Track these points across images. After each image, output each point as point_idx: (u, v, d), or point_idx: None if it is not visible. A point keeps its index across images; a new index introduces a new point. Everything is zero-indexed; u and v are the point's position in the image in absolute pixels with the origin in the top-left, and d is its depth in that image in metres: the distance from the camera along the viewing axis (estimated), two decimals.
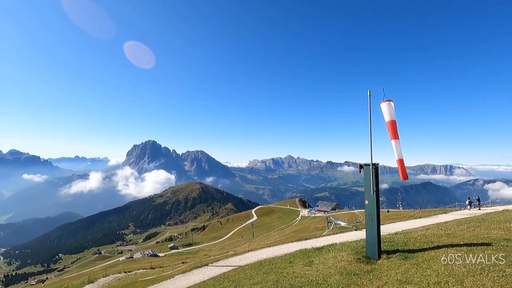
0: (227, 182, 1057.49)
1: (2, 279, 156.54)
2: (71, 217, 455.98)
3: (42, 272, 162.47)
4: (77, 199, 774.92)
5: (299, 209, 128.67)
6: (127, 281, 19.50)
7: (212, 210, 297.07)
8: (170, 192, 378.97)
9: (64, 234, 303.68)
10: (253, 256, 22.34)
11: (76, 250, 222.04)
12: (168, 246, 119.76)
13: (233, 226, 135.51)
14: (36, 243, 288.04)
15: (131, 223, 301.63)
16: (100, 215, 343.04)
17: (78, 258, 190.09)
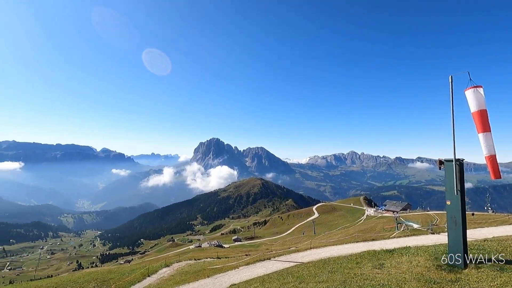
0: (287, 178, 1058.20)
1: (99, 257, 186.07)
2: (149, 207, 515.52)
3: (128, 253, 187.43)
4: (154, 191, 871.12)
5: (364, 208, 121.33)
6: (197, 267, 21.12)
7: (272, 205, 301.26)
8: (233, 187, 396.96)
9: (144, 222, 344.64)
10: (316, 254, 21.89)
11: (154, 237, 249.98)
12: (232, 238, 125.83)
13: (293, 222, 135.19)
14: (123, 229, 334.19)
15: (199, 214, 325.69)
16: (173, 206, 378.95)
17: (156, 244, 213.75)
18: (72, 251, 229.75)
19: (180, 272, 19.93)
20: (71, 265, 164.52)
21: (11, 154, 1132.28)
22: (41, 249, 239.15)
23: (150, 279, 18.74)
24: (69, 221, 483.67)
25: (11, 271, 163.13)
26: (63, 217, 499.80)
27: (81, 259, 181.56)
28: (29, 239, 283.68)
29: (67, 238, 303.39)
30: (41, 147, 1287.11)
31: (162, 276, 19.41)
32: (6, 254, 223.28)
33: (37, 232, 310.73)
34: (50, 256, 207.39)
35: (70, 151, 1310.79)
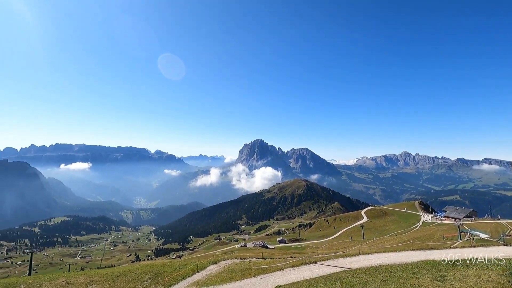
0: (333, 180, 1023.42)
1: (154, 250, 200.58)
2: (197, 206, 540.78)
3: (179, 249, 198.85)
4: (202, 191, 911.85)
5: (420, 214, 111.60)
6: (243, 266, 21.50)
7: (318, 208, 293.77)
8: (277, 188, 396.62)
9: (193, 220, 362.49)
10: (366, 260, 20.72)
11: (202, 234, 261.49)
12: (276, 239, 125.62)
13: (340, 226, 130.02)
14: (174, 225, 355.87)
15: (244, 215, 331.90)
16: (219, 206, 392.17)
17: (204, 241, 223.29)
18: (131, 244, 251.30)
19: (226, 270, 20.49)
20: (130, 257, 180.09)
21: (82, 156, 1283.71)
22: (105, 241, 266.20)
23: (199, 275, 19.59)
24: (128, 216, 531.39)
25: (82, 259, 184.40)
26: (123, 213, 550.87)
27: (138, 252, 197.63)
28: (96, 232, 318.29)
29: (126, 232, 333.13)
30: (105, 149, 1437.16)
31: (210, 272, 20.16)
32: (78, 244, 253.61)
33: (102, 225, 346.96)
34: (113, 248, 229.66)
35: (129, 153, 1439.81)
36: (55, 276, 19.76)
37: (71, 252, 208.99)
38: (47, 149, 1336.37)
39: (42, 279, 18.78)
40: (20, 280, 18.25)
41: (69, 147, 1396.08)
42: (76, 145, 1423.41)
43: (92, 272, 20.94)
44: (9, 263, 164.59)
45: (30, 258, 61.88)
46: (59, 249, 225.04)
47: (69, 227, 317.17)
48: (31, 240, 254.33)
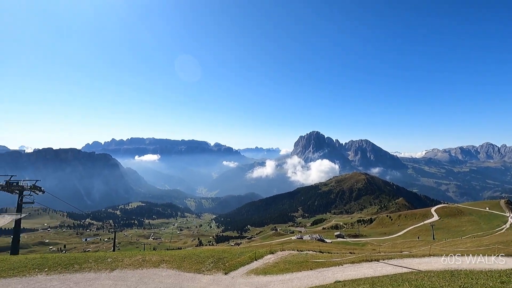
0: (397, 174, 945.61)
1: (215, 237, 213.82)
2: (254, 196, 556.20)
3: (237, 237, 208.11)
4: (258, 182, 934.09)
5: (507, 215, 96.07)
6: (300, 258, 21.45)
7: (379, 203, 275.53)
8: (334, 181, 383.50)
9: (250, 210, 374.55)
10: (437, 263, 18.74)
11: (258, 224, 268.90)
12: (334, 233, 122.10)
13: (405, 224, 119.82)
14: (233, 214, 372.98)
15: (300, 207, 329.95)
16: (275, 197, 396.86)
17: (260, 231, 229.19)
18: (194, 229, 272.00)
19: (284, 261, 20.71)
20: (194, 241, 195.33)
21: (152, 148, 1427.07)
22: (173, 226, 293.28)
23: (257, 263, 20.19)
24: (191, 204, 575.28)
25: (154, 240, 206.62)
26: (187, 201, 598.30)
27: (201, 237, 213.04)
28: (164, 216, 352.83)
29: (190, 218, 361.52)
30: (171, 142, 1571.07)
31: (267, 262, 20.61)
32: (150, 226, 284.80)
33: (170, 211, 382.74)
34: (179, 232, 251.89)
35: (191, 146, 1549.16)
36: (134, 253, 22.43)
37: (145, 233, 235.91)
38: (124, 143, 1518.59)
39: (124, 255, 21.45)
40: (107, 255, 21.16)
41: (142, 141, 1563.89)
42: (147, 139, 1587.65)
43: (163, 253, 23.20)
44: (98, 239, 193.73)
45: (114, 237, 71.62)
46: (135, 230, 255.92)
47: (143, 211, 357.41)
48: (114, 221, 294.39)
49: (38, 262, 19.11)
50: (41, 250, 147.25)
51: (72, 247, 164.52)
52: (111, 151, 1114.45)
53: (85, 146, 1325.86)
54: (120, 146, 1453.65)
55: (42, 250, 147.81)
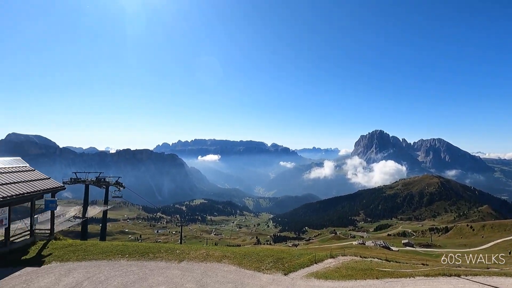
0: (479, 178, 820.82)
1: (272, 236, 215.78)
2: (311, 198, 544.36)
3: (295, 238, 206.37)
4: (315, 183, 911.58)
5: None
6: (363, 265, 20.13)
7: (457, 210, 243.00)
8: (401, 184, 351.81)
9: (308, 211, 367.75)
10: None
11: (316, 226, 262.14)
12: (401, 241, 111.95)
13: (492, 236, 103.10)
14: (290, 215, 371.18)
15: (362, 211, 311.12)
16: (334, 199, 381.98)
17: (319, 233, 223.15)
18: (253, 228, 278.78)
19: (345, 266, 19.71)
20: (252, 239, 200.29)
21: (213, 149, 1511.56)
22: (232, 223, 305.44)
23: (316, 266, 19.63)
24: (250, 203, 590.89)
25: (215, 236, 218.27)
26: (246, 200, 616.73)
27: (259, 236, 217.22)
28: (225, 214, 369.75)
29: (249, 217, 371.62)
30: (230, 143, 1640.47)
31: (328, 266, 19.86)
32: (212, 223, 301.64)
33: (229, 209, 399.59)
34: (238, 229, 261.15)
35: (249, 146, 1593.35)
36: (198, 247, 23.95)
37: (207, 229, 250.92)
38: (189, 144, 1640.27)
39: (190, 248, 23.08)
40: (176, 247, 23.03)
41: (204, 142, 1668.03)
42: (209, 140, 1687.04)
43: (224, 248, 24.23)
44: (167, 232, 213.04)
45: (181, 230, 77.76)
46: (199, 225, 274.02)
47: (206, 208, 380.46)
48: (180, 216, 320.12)
49: (121, 249, 21.80)
50: (122, 238, 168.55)
51: (146, 237, 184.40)
52: (177, 151, 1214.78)
53: (156, 147, 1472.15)
54: (185, 147, 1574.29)
55: (123, 238, 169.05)
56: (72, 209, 33.50)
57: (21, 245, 22.52)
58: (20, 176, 24.07)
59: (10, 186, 21.89)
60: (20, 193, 21.92)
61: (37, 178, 25.05)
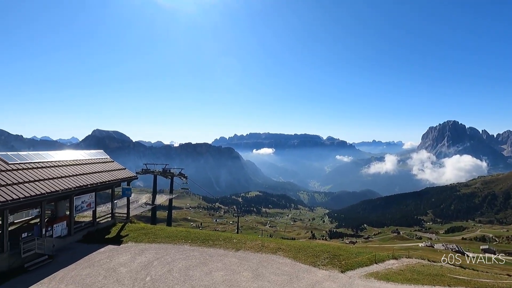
0: None
1: (328, 232, 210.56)
2: (371, 194, 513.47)
3: (352, 235, 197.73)
4: (375, 178, 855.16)
5: None
6: (433, 270, 18.30)
7: None
8: (479, 182, 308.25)
9: (367, 208, 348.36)
10: None
11: (376, 224, 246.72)
12: (479, 247, 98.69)
13: None
14: (347, 211, 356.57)
15: (430, 210, 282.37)
16: (397, 197, 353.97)
17: (379, 232, 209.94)
18: (307, 222, 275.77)
19: (410, 270, 18.18)
20: (307, 234, 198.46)
21: (267, 142, 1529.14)
22: (287, 216, 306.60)
23: (377, 267, 18.54)
24: (304, 197, 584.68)
25: (270, 228, 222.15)
26: (300, 193, 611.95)
27: (314, 231, 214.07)
28: (279, 207, 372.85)
29: (303, 211, 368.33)
30: (284, 136, 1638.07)
31: (390, 267, 18.58)
32: (267, 215, 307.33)
33: (284, 202, 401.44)
34: (293, 223, 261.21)
35: (303, 140, 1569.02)
36: (254, 238, 24.64)
37: (262, 220, 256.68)
38: (244, 137, 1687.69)
39: (246, 238, 23.92)
40: (233, 236, 24.18)
41: (259, 136, 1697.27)
42: (263, 134, 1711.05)
43: (279, 241, 24.48)
44: (225, 221, 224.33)
45: (237, 220, 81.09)
46: (254, 216, 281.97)
47: (261, 200, 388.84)
48: (237, 207, 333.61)
49: (184, 235, 23.77)
50: (185, 225, 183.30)
51: (206, 225, 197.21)
52: (233, 145, 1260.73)
53: (214, 141, 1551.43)
54: (241, 140, 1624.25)
55: (185, 225, 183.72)
56: (143, 197, 37.68)
57: (104, 225, 26.27)
58: (103, 166, 27.93)
59: (96, 175, 25.57)
60: (103, 181, 25.51)
61: (116, 168, 28.80)
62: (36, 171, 20.93)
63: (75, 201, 22.84)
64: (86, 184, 23.15)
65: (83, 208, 24.02)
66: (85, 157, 27.36)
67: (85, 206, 24.22)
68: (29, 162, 21.45)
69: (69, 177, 22.68)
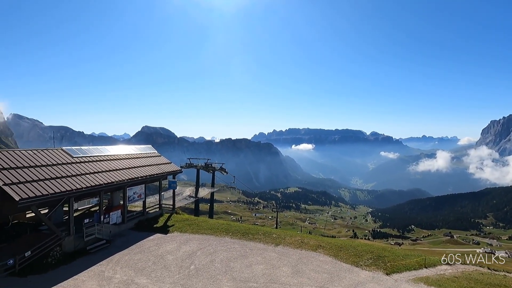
0: None
1: (371, 231, 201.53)
2: (420, 193, 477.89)
3: (398, 236, 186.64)
4: (425, 177, 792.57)
5: None
6: (494, 280, 16.50)
7: None
8: None
9: (415, 208, 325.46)
10: None
11: (426, 226, 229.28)
12: None
13: None
14: (392, 210, 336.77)
15: (490, 213, 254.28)
16: (450, 197, 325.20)
17: (429, 234, 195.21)
18: (349, 220, 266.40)
19: (466, 277, 16.61)
20: (348, 232, 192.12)
21: (307, 138, 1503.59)
22: (327, 214, 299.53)
23: (427, 271, 17.28)
24: (345, 195, 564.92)
25: (310, 224, 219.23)
26: (341, 191, 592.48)
27: (356, 230, 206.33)
28: (319, 204, 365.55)
29: (345, 209, 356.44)
30: (324, 132, 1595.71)
31: (442, 273, 17.17)
32: (306, 211, 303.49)
33: (324, 199, 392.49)
34: (333, 221, 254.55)
35: (345, 135, 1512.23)
36: (293, 233, 24.55)
37: (301, 217, 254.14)
38: (283, 133, 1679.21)
39: (285, 233, 23.93)
40: (272, 230, 24.36)
41: (298, 131, 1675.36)
42: (302, 129, 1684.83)
43: (319, 238, 24.07)
44: (264, 216, 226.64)
45: (276, 216, 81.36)
46: (293, 212, 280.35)
47: (300, 196, 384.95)
48: (276, 202, 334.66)
49: (225, 227, 24.57)
50: (225, 218, 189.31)
51: (246, 219, 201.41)
52: (272, 140, 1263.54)
53: (253, 137, 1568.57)
54: (280, 136, 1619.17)
55: (226, 218, 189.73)
56: (187, 190, 39.72)
57: (153, 215, 28.23)
58: (152, 160, 29.94)
59: (145, 168, 27.54)
60: (152, 174, 27.40)
61: (162, 163, 30.69)
62: (95, 164, 23.24)
63: (128, 192, 24.95)
64: (137, 176, 25.11)
65: (134, 198, 26.17)
66: (136, 152, 29.62)
67: (136, 196, 26.34)
68: (89, 155, 23.90)
69: (123, 169, 24.78)
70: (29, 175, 17.98)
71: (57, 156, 21.54)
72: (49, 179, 18.73)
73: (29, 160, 19.25)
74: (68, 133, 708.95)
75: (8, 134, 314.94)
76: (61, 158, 21.47)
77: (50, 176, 18.99)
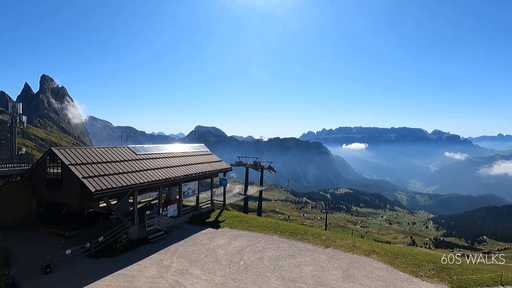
0: None
1: (433, 240, 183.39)
2: (494, 200, 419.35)
3: (466, 247, 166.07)
4: (500, 181, 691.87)
5: None
6: None
7: None
8: None
9: (488, 216, 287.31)
10: None
11: (502, 238, 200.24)
12: None
13: None
14: (459, 218, 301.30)
15: None
16: None
17: (505, 247, 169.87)
18: (406, 226, 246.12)
19: None
20: (405, 239, 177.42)
21: (359, 137, 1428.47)
22: (381, 217, 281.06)
23: None
24: (402, 198, 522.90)
25: (361, 228, 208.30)
26: (397, 193, 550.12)
27: (414, 236, 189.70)
28: (372, 206, 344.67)
29: (401, 213, 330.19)
30: (379, 130, 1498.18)
31: None
32: (358, 214, 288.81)
33: (377, 202, 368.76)
34: (388, 225, 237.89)
35: (402, 134, 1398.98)
36: (344, 236, 23.62)
37: (352, 219, 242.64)
38: (333, 132, 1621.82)
39: (336, 236, 23.13)
40: (322, 232, 23.75)
41: (349, 130, 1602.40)
42: (354, 128, 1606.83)
43: (373, 243, 22.74)
44: (312, 217, 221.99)
45: (325, 217, 79.04)
46: (344, 214, 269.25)
47: (351, 198, 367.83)
48: (325, 203, 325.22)
49: (273, 226, 24.72)
50: (273, 216, 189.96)
51: (293, 219, 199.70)
52: (321, 139, 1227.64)
53: (302, 136, 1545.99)
54: (330, 135, 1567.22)
55: (274, 216, 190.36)
56: (237, 187, 40.92)
57: (205, 210, 29.76)
58: (204, 158, 31.57)
59: (198, 165, 29.18)
60: (205, 171, 28.92)
61: (214, 160, 32.15)
62: (155, 161, 25.43)
63: (183, 188, 26.77)
64: (191, 173, 26.79)
65: (188, 194, 27.96)
66: (190, 150, 31.58)
67: (190, 192, 28.10)
68: (150, 153, 26.27)
69: (179, 166, 26.68)
70: (102, 170, 20.56)
71: (124, 153, 24.15)
72: (118, 173, 21.16)
73: (102, 157, 21.96)
74: (132, 132, 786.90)
75: (85, 134, 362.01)
76: (127, 155, 24.02)
77: (118, 171, 21.41)
